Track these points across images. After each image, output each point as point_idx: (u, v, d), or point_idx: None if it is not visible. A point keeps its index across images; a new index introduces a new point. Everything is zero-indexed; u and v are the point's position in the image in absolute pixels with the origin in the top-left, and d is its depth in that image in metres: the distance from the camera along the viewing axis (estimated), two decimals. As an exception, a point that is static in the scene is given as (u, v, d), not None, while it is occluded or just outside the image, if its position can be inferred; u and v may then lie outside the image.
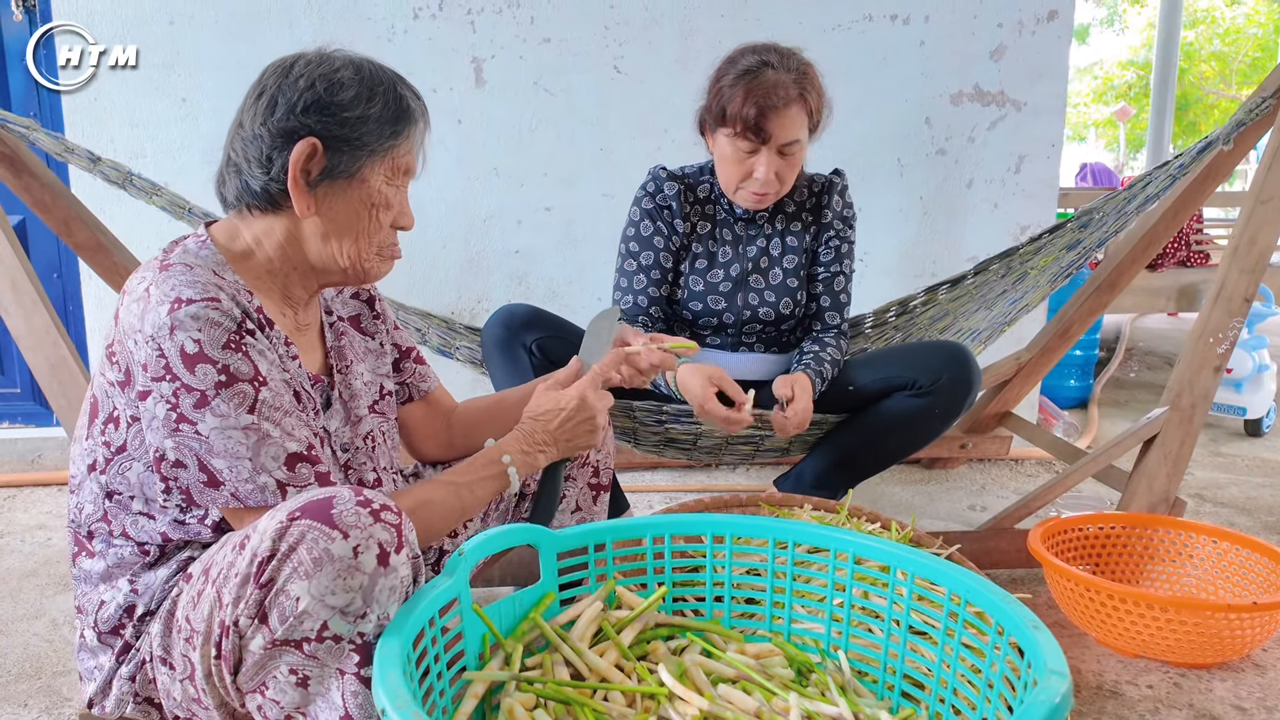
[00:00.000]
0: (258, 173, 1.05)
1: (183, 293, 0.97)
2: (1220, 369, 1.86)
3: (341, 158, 1.06)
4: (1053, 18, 2.63)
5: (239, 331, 0.99)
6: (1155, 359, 4.54)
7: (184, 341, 0.95)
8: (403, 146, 1.10)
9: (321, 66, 1.06)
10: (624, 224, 1.84)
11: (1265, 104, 1.85)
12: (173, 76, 2.50)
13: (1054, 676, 0.79)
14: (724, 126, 1.68)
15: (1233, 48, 15.40)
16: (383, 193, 1.10)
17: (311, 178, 1.06)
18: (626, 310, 1.79)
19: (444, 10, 2.53)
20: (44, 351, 1.74)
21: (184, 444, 0.97)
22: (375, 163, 1.08)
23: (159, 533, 1.05)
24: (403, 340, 1.36)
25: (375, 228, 1.11)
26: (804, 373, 1.74)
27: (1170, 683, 1.51)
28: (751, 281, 1.82)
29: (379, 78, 1.09)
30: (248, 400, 0.98)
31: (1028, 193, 2.72)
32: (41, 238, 2.67)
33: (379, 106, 1.07)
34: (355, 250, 1.10)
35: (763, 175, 1.67)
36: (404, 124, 1.09)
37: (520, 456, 1.19)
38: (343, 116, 1.05)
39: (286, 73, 1.06)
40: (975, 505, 2.41)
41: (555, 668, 1.04)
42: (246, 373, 0.98)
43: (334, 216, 1.08)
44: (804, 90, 1.65)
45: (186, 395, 0.96)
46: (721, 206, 1.83)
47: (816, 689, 1.06)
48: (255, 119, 1.05)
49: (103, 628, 1.06)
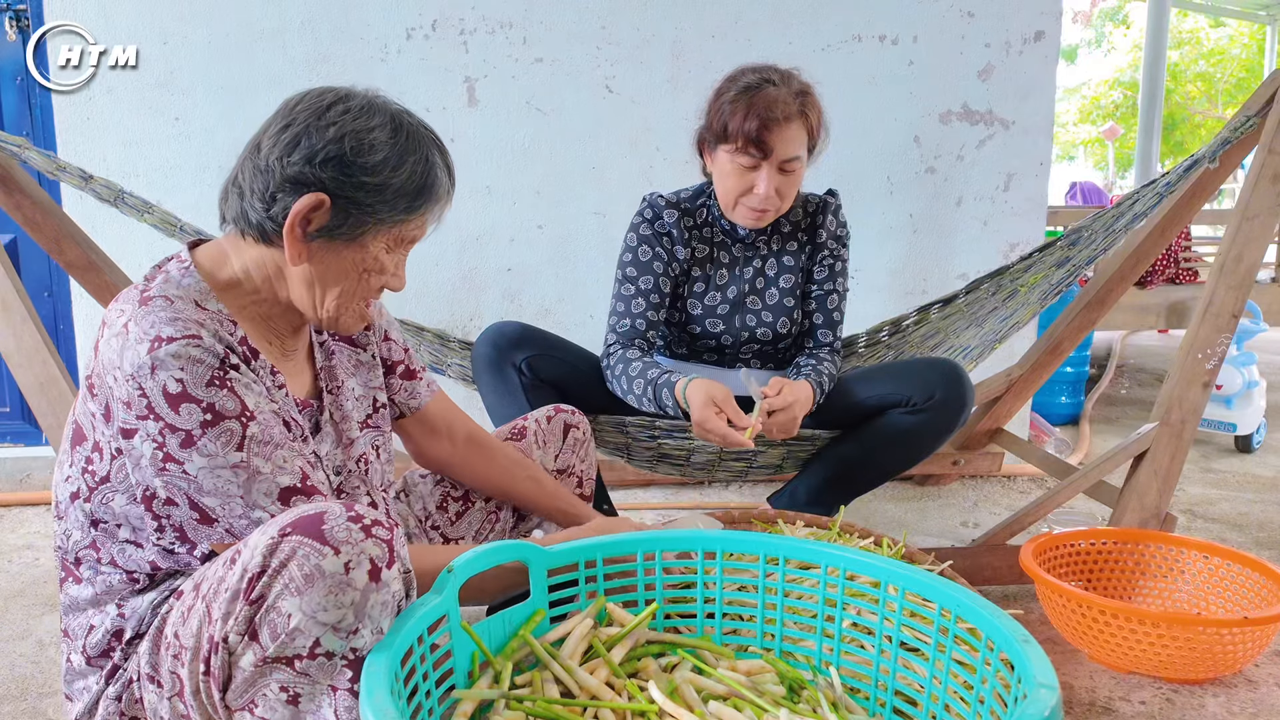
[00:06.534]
0: (258, 205, 1.02)
1: (162, 330, 0.94)
2: (1209, 384, 1.87)
3: (347, 220, 1.01)
4: (1039, 38, 2.66)
5: (222, 367, 0.96)
6: (1146, 375, 4.56)
7: (166, 381, 0.93)
8: (415, 221, 1.06)
9: (358, 120, 1.00)
10: (619, 250, 1.83)
11: (1250, 122, 1.88)
12: (166, 96, 2.50)
13: (1043, 690, 0.79)
14: (725, 143, 1.68)
15: (1218, 68, 15.61)
16: (379, 259, 1.06)
17: (310, 229, 1.01)
18: (623, 334, 1.76)
19: (437, 31, 2.55)
20: (33, 370, 1.73)
21: (173, 483, 0.95)
22: (380, 232, 1.04)
23: (148, 561, 1.04)
24: (391, 354, 1.32)
25: (364, 289, 1.08)
26: (803, 380, 1.73)
27: (1163, 699, 1.50)
28: (748, 303, 1.83)
29: (415, 144, 1.04)
30: (235, 437, 0.95)
31: (1017, 211, 2.74)
32: (32, 256, 2.66)
33: (403, 177, 1.02)
34: (335, 305, 1.07)
35: (763, 191, 1.67)
36: (423, 200, 1.05)
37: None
38: (361, 180, 1.00)
39: (321, 114, 1.01)
40: (967, 522, 2.41)
41: (545, 685, 1.03)
42: (233, 409, 0.96)
43: (324, 270, 1.05)
44: (804, 107, 1.66)
45: (172, 435, 0.93)
46: (719, 229, 1.83)
47: (808, 705, 1.06)
48: (273, 150, 1.00)
49: (91, 652, 1.05)
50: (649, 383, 1.65)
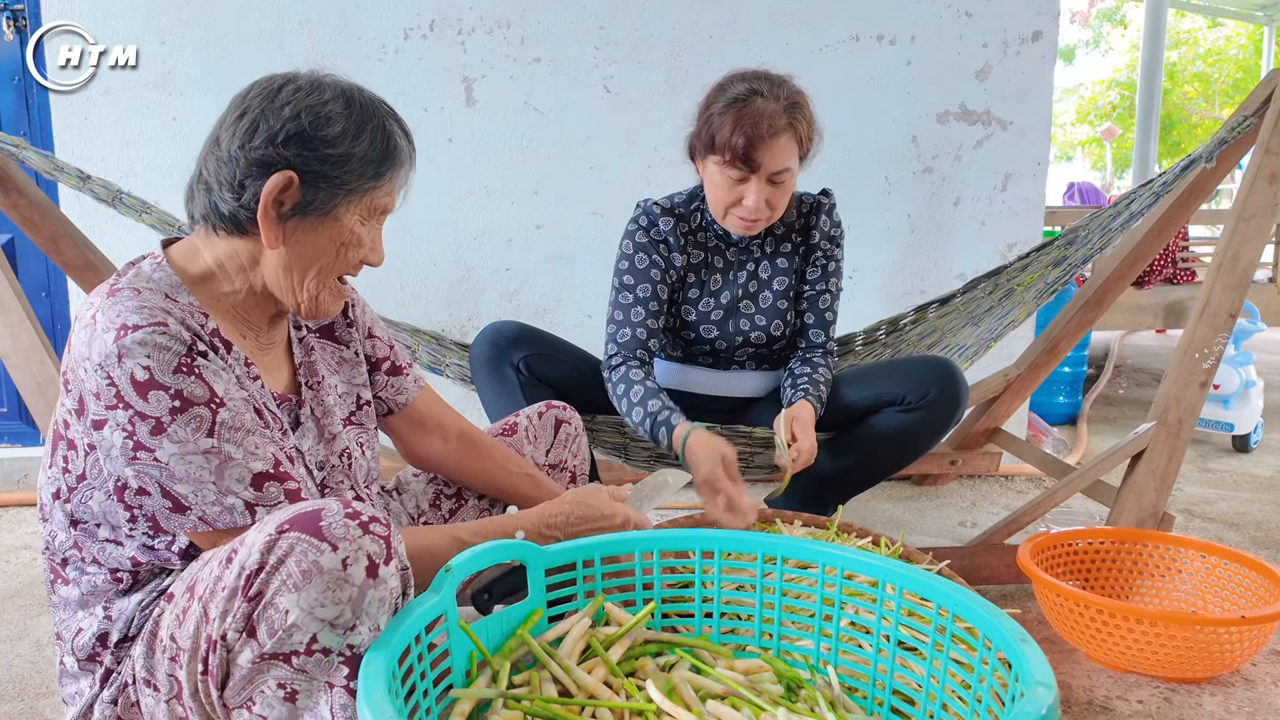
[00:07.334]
0: (228, 196, 1.02)
1: (128, 319, 0.94)
2: (1206, 384, 1.87)
3: (317, 194, 1.02)
4: (1037, 38, 2.66)
5: (189, 354, 0.96)
6: (1144, 376, 4.57)
7: (133, 369, 0.93)
8: (384, 188, 1.07)
9: (310, 95, 1.02)
10: (615, 256, 1.81)
11: (1247, 122, 1.88)
12: (163, 96, 2.50)
13: (1040, 688, 0.79)
14: (713, 154, 1.66)
15: (1215, 68, 15.63)
16: (355, 232, 1.07)
17: (283, 210, 1.02)
18: (624, 345, 1.74)
19: (435, 30, 2.55)
20: (30, 370, 1.73)
21: (144, 471, 0.95)
22: (352, 202, 1.04)
23: (128, 558, 1.03)
24: (375, 350, 1.31)
25: (342, 264, 1.08)
26: (804, 400, 1.72)
27: (1160, 697, 1.51)
28: (742, 307, 1.82)
29: (370, 113, 1.05)
30: (205, 424, 0.95)
31: (1014, 210, 2.74)
32: (30, 256, 2.66)
33: (365, 144, 1.03)
34: (315, 284, 1.07)
35: (752, 203, 1.65)
36: (388, 165, 1.06)
37: (534, 535, 1.18)
38: (325, 153, 1.01)
39: (273, 96, 1.02)
40: (965, 521, 2.41)
41: (543, 685, 1.03)
42: (201, 395, 0.96)
43: (300, 250, 1.05)
44: (794, 120, 1.63)
45: (141, 423, 0.93)
46: (712, 234, 1.81)
47: (806, 705, 1.06)
48: (233, 140, 1.01)
49: (79, 655, 1.05)
50: (648, 414, 1.64)
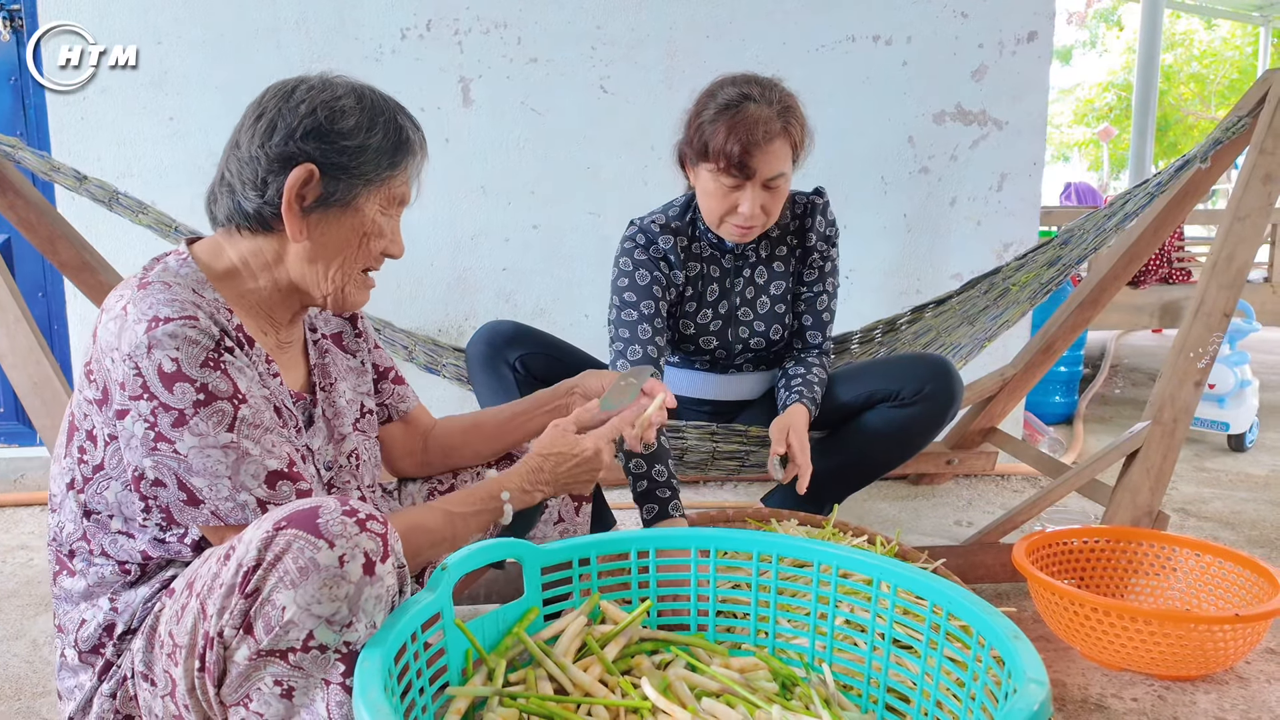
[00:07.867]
0: (252, 195, 1.05)
1: (160, 311, 0.96)
2: (1201, 383, 1.88)
3: (338, 186, 1.06)
4: (1032, 38, 2.67)
5: (217, 349, 0.98)
6: (1140, 375, 4.58)
7: (161, 360, 0.95)
8: (400, 177, 1.11)
9: (324, 93, 1.07)
10: (611, 273, 1.78)
11: (1241, 123, 1.89)
12: (161, 96, 2.50)
13: (1033, 685, 0.80)
14: (706, 162, 1.64)
15: (1210, 69, 15.64)
16: (376, 222, 1.10)
17: (306, 203, 1.06)
18: (635, 362, 1.72)
19: (432, 31, 2.55)
20: (27, 370, 1.73)
21: (163, 463, 0.97)
22: (371, 192, 1.09)
23: (139, 551, 1.04)
24: (381, 360, 1.36)
25: (365, 255, 1.12)
26: (799, 404, 1.71)
27: (1155, 696, 1.51)
28: (741, 315, 1.82)
29: (380, 107, 1.10)
30: (226, 418, 0.97)
31: (1010, 211, 2.75)
32: (26, 256, 2.66)
33: (379, 136, 1.08)
34: (341, 275, 1.11)
35: (747, 210, 1.64)
36: (402, 155, 1.10)
37: (520, 494, 1.19)
38: (342, 145, 1.05)
39: (288, 96, 1.06)
40: (961, 520, 2.42)
41: (539, 683, 1.04)
42: (225, 390, 0.98)
43: (324, 242, 1.08)
44: (787, 124, 1.62)
45: (165, 414, 0.95)
46: (707, 243, 1.79)
47: (801, 702, 1.06)
48: (253, 141, 1.05)
49: (83, 646, 1.05)
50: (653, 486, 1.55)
